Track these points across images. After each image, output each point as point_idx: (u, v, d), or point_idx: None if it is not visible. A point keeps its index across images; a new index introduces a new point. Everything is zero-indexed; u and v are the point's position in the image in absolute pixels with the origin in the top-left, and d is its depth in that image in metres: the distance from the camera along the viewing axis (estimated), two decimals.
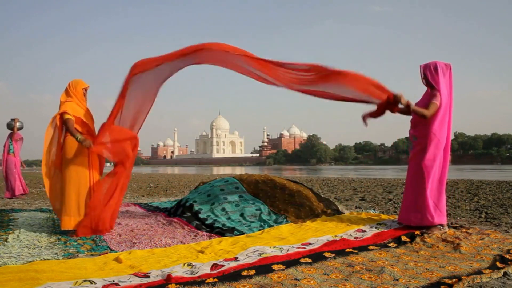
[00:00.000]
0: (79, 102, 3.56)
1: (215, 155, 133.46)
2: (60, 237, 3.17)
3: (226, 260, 2.39)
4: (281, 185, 4.51)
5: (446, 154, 3.23)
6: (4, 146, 7.19)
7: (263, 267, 2.18)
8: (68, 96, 3.54)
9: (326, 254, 2.48)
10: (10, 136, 7.19)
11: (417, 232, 3.08)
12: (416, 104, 3.36)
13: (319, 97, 3.59)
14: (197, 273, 2.09)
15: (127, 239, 3.12)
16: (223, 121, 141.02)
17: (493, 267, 2.24)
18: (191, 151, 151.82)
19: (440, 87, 3.22)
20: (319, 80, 3.38)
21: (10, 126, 7.16)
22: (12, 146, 7.14)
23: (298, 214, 3.96)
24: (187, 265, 2.27)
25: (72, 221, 3.28)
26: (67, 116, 3.39)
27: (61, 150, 3.44)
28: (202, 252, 2.64)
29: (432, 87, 3.27)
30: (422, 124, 3.27)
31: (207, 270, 2.15)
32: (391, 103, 3.29)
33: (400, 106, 3.29)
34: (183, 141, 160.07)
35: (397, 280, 2.01)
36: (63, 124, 3.44)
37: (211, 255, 2.55)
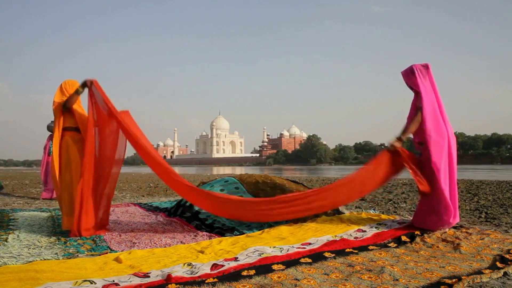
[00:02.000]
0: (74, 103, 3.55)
1: (215, 155, 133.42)
2: (60, 237, 3.17)
3: (226, 260, 2.39)
4: (281, 185, 4.51)
5: (451, 151, 3.21)
6: (45, 148, 7.15)
7: (263, 267, 2.18)
8: (63, 96, 3.53)
9: (326, 254, 2.49)
10: (51, 138, 7.20)
11: (417, 232, 3.08)
12: (410, 110, 3.39)
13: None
14: (197, 273, 2.09)
15: (127, 239, 3.12)
16: (223, 121, 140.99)
17: (493, 267, 2.24)
18: (191, 151, 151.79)
19: (420, 89, 3.25)
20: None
21: (50, 128, 7.15)
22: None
23: None
24: (187, 265, 2.27)
25: (71, 221, 3.27)
26: (53, 106, 3.40)
27: (61, 146, 3.42)
28: (202, 252, 2.64)
29: (415, 91, 3.32)
30: (420, 131, 3.28)
31: (207, 270, 2.16)
32: (395, 152, 3.31)
33: (398, 144, 3.31)
34: (183, 141, 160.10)
35: (397, 280, 2.01)
36: (61, 121, 3.44)
37: (211, 255, 2.55)
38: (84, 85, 3.41)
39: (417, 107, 3.26)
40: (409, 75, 3.33)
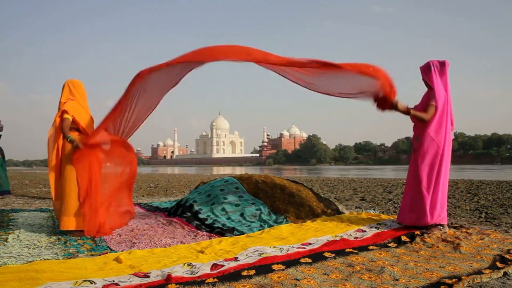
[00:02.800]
0: (82, 102, 3.57)
1: (215, 155, 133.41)
2: (60, 237, 3.17)
3: (226, 260, 2.39)
4: (281, 185, 4.51)
5: (444, 153, 3.21)
6: None
7: (263, 267, 2.18)
8: (70, 95, 3.54)
9: (326, 254, 2.49)
10: None
11: (417, 232, 3.08)
12: (417, 106, 3.37)
13: (319, 90, 3.45)
14: (197, 273, 2.09)
15: (127, 239, 3.12)
16: (223, 121, 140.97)
17: (493, 267, 2.24)
18: (191, 151, 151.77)
19: (434, 86, 3.23)
20: (317, 72, 3.28)
21: None
22: None
23: (298, 214, 3.96)
24: (187, 265, 2.27)
25: (71, 222, 3.27)
26: (65, 115, 3.38)
27: (61, 150, 3.42)
28: (202, 252, 2.64)
29: (429, 87, 3.30)
30: (421, 125, 3.27)
31: (207, 270, 2.16)
32: (387, 103, 3.15)
33: (402, 107, 3.17)
34: (183, 141, 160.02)
35: (397, 280, 2.01)
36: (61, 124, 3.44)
37: (211, 255, 2.55)
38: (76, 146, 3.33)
39: (430, 104, 3.21)
40: (426, 71, 3.31)
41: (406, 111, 3.18)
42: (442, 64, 3.30)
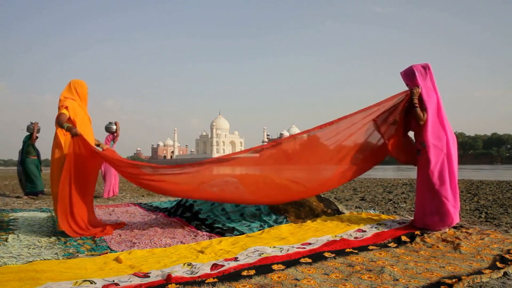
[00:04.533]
0: (81, 103, 3.58)
1: (215, 155, 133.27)
2: (60, 237, 3.17)
3: (226, 260, 2.39)
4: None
5: (450, 153, 3.21)
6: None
7: (263, 267, 2.18)
8: (70, 95, 3.54)
9: (326, 254, 2.49)
10: (113, 139, 7.29)
11: (417, 232, 3.09)
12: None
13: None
14: (197, 273, 2.09)
15: (127, 239, 3.12)
16: (223, 121, 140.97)
17: (493, 267, 2.24)
18: (191, 151, 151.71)
19: (422, 91, 3.24)
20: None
21: (110, 129, 7.23)
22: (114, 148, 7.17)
23: (298, 214, 3.96)
24: (187, 265, 2.27)
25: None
26: (63, 110, 3.37)
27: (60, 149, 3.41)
28: (202, 252, 2.64)
29: None
30: (423, 133, 3.27)
31: (207, 270, 2.16)
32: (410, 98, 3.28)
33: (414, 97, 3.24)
34: (183, 141, 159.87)
35: (397, 280, 2.01)
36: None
37: (211, 255, 2.55)
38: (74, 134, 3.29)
39: (421, 108, 3.23)
40: (410, 76, 3.33)
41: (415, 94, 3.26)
42: (425, 68, 3.33)
